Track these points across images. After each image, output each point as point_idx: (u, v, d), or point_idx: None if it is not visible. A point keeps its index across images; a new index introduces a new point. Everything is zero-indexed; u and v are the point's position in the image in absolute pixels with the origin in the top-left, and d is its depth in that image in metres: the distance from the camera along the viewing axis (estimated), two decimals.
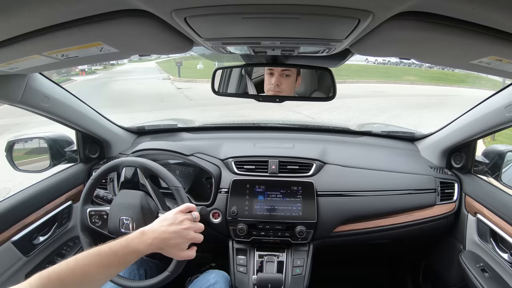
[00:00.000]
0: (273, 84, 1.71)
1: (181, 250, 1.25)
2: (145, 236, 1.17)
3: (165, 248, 1.21)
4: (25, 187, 1.76)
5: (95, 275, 1.03)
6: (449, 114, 2.20)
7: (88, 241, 1.53)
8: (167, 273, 1.44)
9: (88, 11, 0.80)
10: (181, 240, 1.24)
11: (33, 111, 1.63)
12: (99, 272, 1.04)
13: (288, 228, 1.81)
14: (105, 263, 1.06)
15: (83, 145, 2.11)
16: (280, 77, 1.71)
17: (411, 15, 0.77)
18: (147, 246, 1.16)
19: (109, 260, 1.07)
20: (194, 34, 0.96)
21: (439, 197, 1.94)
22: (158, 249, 1.19)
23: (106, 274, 1.08)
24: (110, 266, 1.08)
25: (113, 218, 1.52)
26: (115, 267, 1.09)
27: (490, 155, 1.86)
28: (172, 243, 1.22)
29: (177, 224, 1.25)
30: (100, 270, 1.05)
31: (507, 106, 1.53)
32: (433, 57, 1.19)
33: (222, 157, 2.02)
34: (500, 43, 0.81)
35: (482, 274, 1.70)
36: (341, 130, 2.60)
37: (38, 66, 1.20)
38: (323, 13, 0.77)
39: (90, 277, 1.02)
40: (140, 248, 1.15)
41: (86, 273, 1.01)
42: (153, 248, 1.18)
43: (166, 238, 1.20)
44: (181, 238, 1.24)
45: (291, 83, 1.72)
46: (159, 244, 1.19)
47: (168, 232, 1.21)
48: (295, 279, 1.76)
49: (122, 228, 1.49)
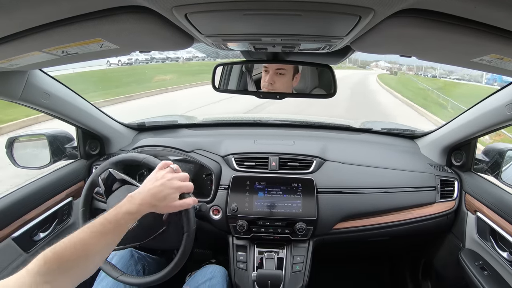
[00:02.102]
0: (266, 82, 1.72)
1: (173, 200, 1.28)
2: (134, 199, 1.19)
3: (157, 203, 1.23)
4: (26, 184, 1.76)
5: (92, 246, 1.03)
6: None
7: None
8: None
9: (88, 7, 0.79)
10: (169, 190, 1.27)
11: (33, 107, 1.63)
12: (96, 242, 1.04)
13: (288, 224, 1.81)
14: (101, 231, 1.07)
15: (84, 141, 2.11)
16: (274, 75, 1.71)
17: (412, 12, 0.77)
18: (138, 206, 1.18)
19: (104, 228, 1.08)
20: (194, 30, 0.96)
21: (439, 195, 1.94)
22: (151, 207, 1.22)
23: (104, 243, 1.07)
24: (107, 234, 1.08)
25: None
26: (111, 234, 1.10)
27: (490, 154, 1.86)
28: (162, 196, 1.24)
29: (160, 179, 1.28)
30: (97, 239, 1.05)
31: (508, 105, 1.52)
32: (434, 55, 1.19)
33: (223, 154, 2.02)
34: (501, 41, 0.81)
35: (481, 272, 1.71)
36: (342, 127, 2.60)
37: (38, 62, 1.20)
38: (324, 10, 0.77)
39: (87, 249, 1.02)
40: (131, 209, 1.16)
41: (83, 245, 1.01)
42: (145, 207, 1.20)
43: (154, 193, 1.23)
44: (168, 189, 1.27)
45: (285, 81, 1.72)
46: (150, 201, 1.21)
47: (154, 187, 1.25)
48: (295, 276, 1.77)
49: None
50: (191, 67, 30.23)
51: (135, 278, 1.50)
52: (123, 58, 24.90)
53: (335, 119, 3.11)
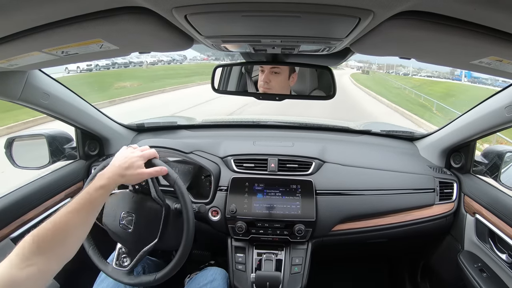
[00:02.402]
0: (262, 81, 1.72)
1: (139, 167, 1.36)
2: (103, 173, 1.28)
3: (124, 172, 1.31)
4: (25, 184, 1.76)
5: (69, 224, 1.07)
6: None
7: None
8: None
9: (88, 8, 0.80)
10: (133, 158, 1.36)
11: (32, 108, 1.63)
12: (72, 220, 1.09)
13: (287, 226, 1.81)
14: (76, 208, 1.11)
15: (83, 142, 2.10)
16: (269, 74, 1.71)
17: (412, 14, 0.77)
18: (107, 179, 1.25)
19: (78, 205, 1.12)
20: (194, 31, 0.96)
21: (438, 197, 1.94)
22: (120, 177, 1.29)
23: (79, 220, 1.12)
24: (81, 210, 1.12)
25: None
26: (85, 210, 1.14)
27: (489, 156, 1.86)
28: (127, 165, 1.32)
29: (123, 152, 1.40)
30: (73, 217, 1.10)
31: (507, 107, 1.53)
32: (433, 57, 1.19)
33: (222, 155, 2.02)
34: (501, 43, 0.81)
35: (480, 274, 1.71)
36: (341, 129, 2.60)
37: (38, 62, 1.20)
38: (324, 11, 0.77)
39: (64, 228, 1.06)
40: (102, 183, 1.22)
41: (59, 224, 1.06)
42: (114, 178, 1.28)
43: (120, 164, 1.32)
44: (132, 158, 1.36)
45: (281, 80, 1.72)
46: (118, 172, 1.30)
47: (119, 159, 1.35)
48: (294, 277, 1.77)
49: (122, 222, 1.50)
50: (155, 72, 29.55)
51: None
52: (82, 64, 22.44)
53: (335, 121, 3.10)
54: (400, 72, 58.93)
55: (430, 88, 32.48)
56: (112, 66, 27.84)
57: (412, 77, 51.00)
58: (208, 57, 44.71)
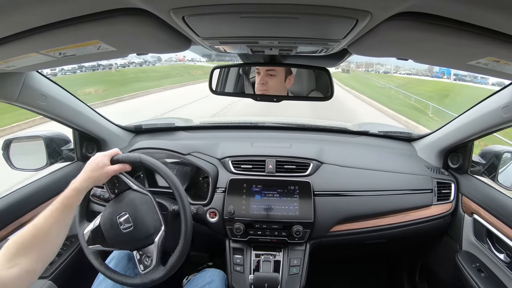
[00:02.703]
0: (258, 83, 1.73)
1: (105, 165, 1.42)
2: (77, 178, 1.35)
3: (94, 173, 1.38)
4: (23, 186, 1.76)
5: (46, 226, 1.16)
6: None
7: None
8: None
9: (86, 9, 0.80)
10: (98, 159, 1.42)
11: (30, 109, 1.62)
12: (48, 219, 1.18)
13: (285, 227, 1.81)
14: (51, 210, 1.20)
15: (80, 143, 2.10)
16: (265, 76, 1.72)
17: (409, 15, 0.77)
18: (80, 182, 1.33)
19: (53, 207, 1.21)
20: (192, 33, 0.96)
21: (435, 197, 1.94)
22: (88, 179, 1.36)
23: (55, 220, 1.19)
24: (56, 210, 1.21)
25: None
26: (61, 211, 1.22)
27: (486, 156, 1.87)
28: (93, 167, 1.39)
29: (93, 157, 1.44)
30: (49, 218, 1.18)
31: (504, 107, 1.53)
32: (430, 58, 1.19)
33: (219, 157, 2.02)
34: (497, 44, 0.82)
35: (478, 274, 1.71)
36: (339, 130, 2.60)
37: (35, 64, 1.20)
38: (322, 13, 0.77)
39: (42, 229, 1.15)
40: (74, 186, 1.31)
41: (37, 226, 1.15)
42: (86, 180, 1.35)
43: (87, 167, 1.38)
44: (97, 159, 1.42)
45: (277, 81, 1.72)
46: (89, 174, 1.36)
47: (88, 163, 1.41)
48: (292, 279, 1.76)
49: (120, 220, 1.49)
50: (124, 75, 28.03)
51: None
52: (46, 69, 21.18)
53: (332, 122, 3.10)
54: (380, 70, 58.28)
55: (418, 87, 31.37)
56: (79, 70, 26.45)
57: (393, 75, 49.90)
58: (184, 57, 43.72)
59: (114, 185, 1.53)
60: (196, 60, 47.30)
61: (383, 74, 52.99)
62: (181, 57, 44.37)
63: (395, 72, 54.29)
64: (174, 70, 33.62)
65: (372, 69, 58.04)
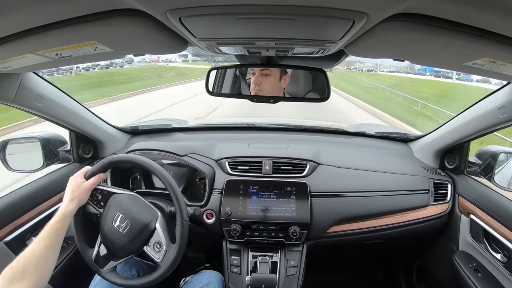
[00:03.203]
0: (253, 84, 1.73)
1: (82, 183, 1.48)
2: (62, 203, 1.41)
3: (75, 195, 1.44)
4: (18, 187, 1.75)
5: (37, 251, 1.23)
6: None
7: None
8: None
9: (83, 10, 0.79)
10: (73, 181, 1.48)
11: (26, 110, 1.62)
12: (37, 247, 1.24)
13: (282, 228, 1.81)
14: (43, 236, 1.28)
15: (77, 145, 2.09)
16: (259, 76, 1.72)
17: (406, 16, 0.78)
18: (65, 207, 1.39)
19: (45, 232, 1.29)
20: (188, 34, 0.96)
21: (432, 198, 1.95)
22: (71, 201, 1.42)
23: (44, 246, 1.26)
24: (47, 237, 1.27)
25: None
26: (51, 234, 1.29)
27: (483, 156, 1.87)
28: (72, 188, 1.45)
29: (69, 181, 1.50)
30: (40, 244, 1.25)
31: (500, 108, 1.54)
32: (427, 59, 1.20)
33: (216, 158, 2.02)
34: (494, 45, 0.82)
35: (475, 274, 1.72)
36: (335, 131, 2.61)
37: (32, 65, 1.20)
38: (318, 14, 0.77)
39: (32, 255, 1.21)
40: (60, 211, 1.37)
41: (29, 252, 1.22)
42: (69, 202, 1.41)
43: (67, 192, 1.44)
44: (72, 180, 1.49)
45: (271, 82, 1.73)
46: (69, 197, 1.43)
47: (67, 187, 1.47)
48: (289, 280, 1.77)
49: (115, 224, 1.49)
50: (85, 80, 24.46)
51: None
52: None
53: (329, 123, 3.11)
54: (363, 68, 57.45)
55: (414, 88, 28.84)
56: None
57: (380, 73, 48.59)
58: (158, 58, 41.91)
59: (97, 198, 1.55)
60: (170, 61, 45.69)
61: (367, 72, 51.76)
62: (155, 57, 42.16)
63: (375, 69, 53.33)
64: (143, 73, 32.20)
65: (354, 67, 56.89)
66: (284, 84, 1.74)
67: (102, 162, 1.54)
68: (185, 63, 41.57)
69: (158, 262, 1.48)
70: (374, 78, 38.94)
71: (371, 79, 36.13)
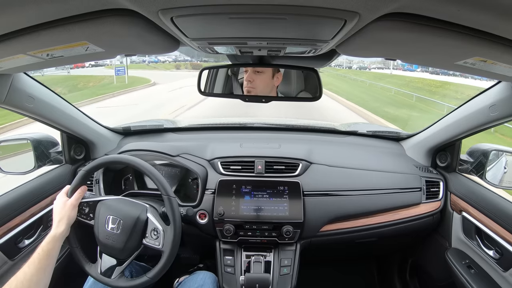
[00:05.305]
0: (245, 81, 1.73)
1: (66, 201, 1.49)
2: (51, 227, 1.43)
3: (62, 215, 1.45)
4: (10, 189, 1.74)
5: (29, 273, 1.25)
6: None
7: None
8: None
9: (74, 10, 0.79)
10: (57, 201, 1.50)
11: (17, 111, 1.60)
12: (29, 271, 1.25)
13: (275, 228, 1.81)
14: (35, 258, 1.29)
15: (68, 146, 2.08)
16: (252, 74, 1.72)
17: (397, 16, 0.78)
18: (55, 229, 1.41)
19: (37, 255, 1.30)
20: (180, 34, 0.96)
21: (424, 196, 1.96)
22: (60, 221, 1.44)
23: (37, 267, 1.28)
24: (40, 260, 1.29)
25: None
26: (42, 256, 1.31)
27: (474, 154, 1.89)
28: (59, 208, 1.47)
29: (54, 203, 1.52)
30: (32, 266, 1.27)
31: (491, 106, 1.55)
32: (418, 58, 1.20)
33: (209, 158, 2.02)
34: (485, 44, 0.83)
35: (468, 271, 1.73)
36: (327, 130, 2.62)
37: (23, 65, 1.19)
38: (310, 13, 0.77)
39: (25, 275, 1.24)
40: (50, 233, 1.39)
41: (22, 276, 1.24)
42: (58, 223, 1.43)
43: (55, 213, 1.46)
44: (57, 201, 1.51)
45: (264, 79, 1.73)
46: (57, 217, 1.45)
47: (53, 209, 1.49)
48: (283, 279, 1.77)
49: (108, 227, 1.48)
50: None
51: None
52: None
53: (321, 122, 3.12)
54: (353, 66, 56.39)
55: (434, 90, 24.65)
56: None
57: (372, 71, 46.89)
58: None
59: (85, 212, 1.57)
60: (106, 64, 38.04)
61: (358, 70, 51.13)
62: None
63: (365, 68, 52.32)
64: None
65: (342, 65, 55.78)
66: (276, 82, 1.74)
67: (80, 175, 1.56)
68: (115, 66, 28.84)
69: (159, 248, 1.48)
70: (366, 75, 37.51)
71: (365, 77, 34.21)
